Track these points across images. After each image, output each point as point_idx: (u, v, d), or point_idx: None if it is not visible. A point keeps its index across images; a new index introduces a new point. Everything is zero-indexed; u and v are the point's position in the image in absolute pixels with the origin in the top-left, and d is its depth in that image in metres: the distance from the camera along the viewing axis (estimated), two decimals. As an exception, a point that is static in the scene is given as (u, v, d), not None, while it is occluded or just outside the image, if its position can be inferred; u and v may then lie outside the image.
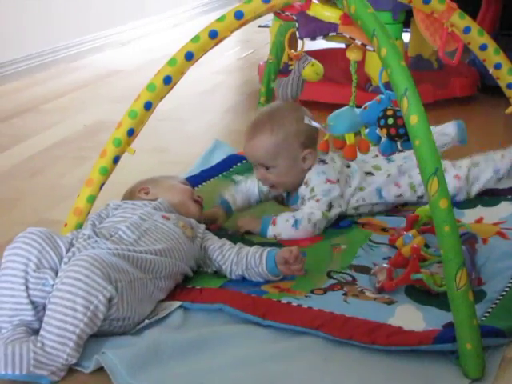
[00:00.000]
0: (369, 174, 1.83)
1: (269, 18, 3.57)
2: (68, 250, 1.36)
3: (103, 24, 4.03)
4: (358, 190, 1.80)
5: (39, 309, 1.30)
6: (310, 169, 1.77)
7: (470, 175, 1.88)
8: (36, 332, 1.28)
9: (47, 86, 3.31)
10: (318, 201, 1.74)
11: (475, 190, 1.89)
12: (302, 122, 1.70)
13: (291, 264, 1.50)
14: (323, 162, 1.78)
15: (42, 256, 1.32)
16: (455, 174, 1.86)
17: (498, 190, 1.92)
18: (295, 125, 1.73)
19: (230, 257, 1.54)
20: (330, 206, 1.74)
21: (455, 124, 2.00)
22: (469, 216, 1.78)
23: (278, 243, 1.68)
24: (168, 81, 1.57)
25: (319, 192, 1.74)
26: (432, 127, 1.96)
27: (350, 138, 1.58)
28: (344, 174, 1.79)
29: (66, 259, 1.34)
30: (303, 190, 1.77)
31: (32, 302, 1.29)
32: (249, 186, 1.87)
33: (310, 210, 1.72)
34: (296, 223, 1.70)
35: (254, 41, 4.24)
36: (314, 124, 1.64)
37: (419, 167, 1.23)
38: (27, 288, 1.29)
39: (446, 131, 1.99)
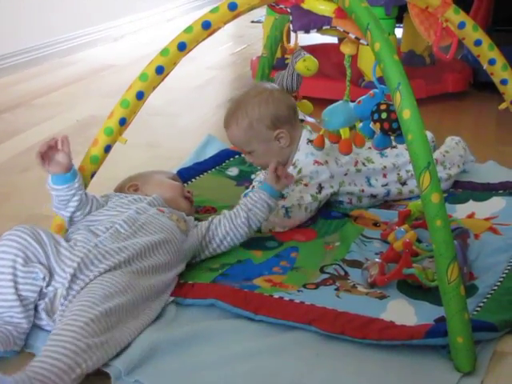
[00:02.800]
0: (362, 164, 1.84)
1: (262, 14, 3.58)
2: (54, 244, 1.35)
3: (96, 19, 4.02)
4: (352, 169, 1.81)
5: (29, 307, 1.29)
6: (297, 148, 1.80)
7: (446, 159, 1.95)
8: (23, 334, 1.28)
9: (39, 80, 3.30)
10: (306, 185, 1.74)
11: (454, 172, 1.95)
12: (264, 104, 1.76)
13: (280, 173, 1.61)
14: (312, 142, 1.78)
15: (28, 251, 1.31)
16: (435, 157, 1.90)
17: (489, 184, 1.93)
18: (257, 110, 1.77)
19: (225, 215, 1.60)
20: (320, 188, 1.75)
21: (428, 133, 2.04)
22: (460, 211, 1.79)
23: (274, 238, 1.69)
24: (160, 71, 1.56)
25: (307, 173, 1.75)
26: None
27: (345, 133, 1.59)
28: (333, 154, 1.80)
29: (65, 244, 1.35)
30: (291, 171, 1.77)
31: (21, 300, 1.28)
32: (262, 177, 1.90)
33: (299, 194, 1.73)
34: (287, 212, 1.71)
35: (247, 36, 4.24)
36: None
37: (411, 161, 1.23)
38: (16, 283, 1.28)
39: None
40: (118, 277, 1.31)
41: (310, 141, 1.79)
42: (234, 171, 2.10)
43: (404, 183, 1.86)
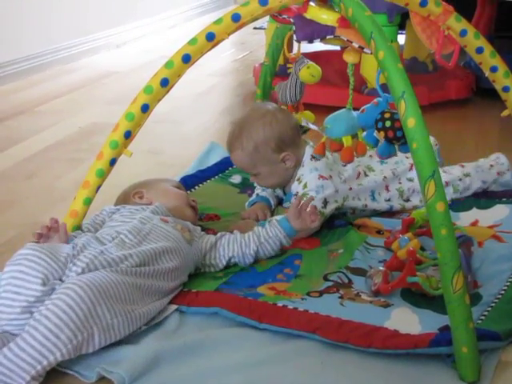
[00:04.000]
0: (363, 173, 1.84)
1: (264, 20, 3.58)
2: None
3: (99, 26, 4.02)
4: (354, 183, 1.80)
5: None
6: (301, 164, 1.79)
7: (461, 184, 1.90)
8: None
9: (42, 87, 3.31)
10: (312, 199, 1.73)
11: (464, 195, 1.91)
12: (269, 127, 1.75)
13: (303, 212, 1.55)
14: (315, 158, 1.78)
15: (47, 271, 1.29)
16: (446, 180, 1.87)
17: (492, 192, 1.93)
18: (261, 133, 1.76)
19: (236, 241, 1.58)
20: (326, 203, 1.74)
21: (502, 155, 2.03)
22: (464, 219, 1.78)
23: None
24: (165, 83, 1.57)
25: (312, 187, 1.74)
26: (483, 159, 1.97)
27: (347, 141, 1.58)
28: (336, 169, 1.80)
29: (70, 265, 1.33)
30: (296, 187, 1.78)
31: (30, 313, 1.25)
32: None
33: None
34: None
35: (250, 43, 4.25)
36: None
37: (416, 170, 1.23)
38: (31, 302, 1.25)
39: (501, 161, 2.01)
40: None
41: (313, 157, 1.79)
42: (237, 179, 2.10)
43: (407, 200, 1.85)
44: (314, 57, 2.18)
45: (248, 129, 1.78)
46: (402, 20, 2.68)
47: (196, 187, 2.03)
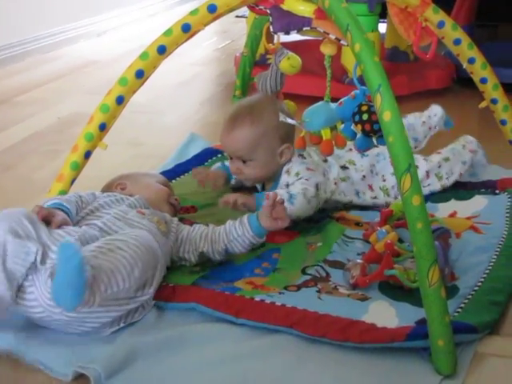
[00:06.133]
0: (344, 167, 1.83)
1: (246, 8, 3.56)
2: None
3: (79, 14, 3.99)
4: (338, 180, 1.80)
5: (14, 283, 1.26)
6: (287, 162, 1.77)
7: (442, 170, 1.89)
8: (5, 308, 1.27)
9: (21, 77, 3.27)
10: (307, 179, 1.72)
11: (451, 181, 1.90)
12: (280, 115, 1.69)
13: (275, 209, 1.49)
14: (302, 156, 1.77)
15: (19, 227, 1.28)
16: (426, 170, 1.87)
17: (471, 183, 1.93)
18: (275, 118, 1.70)
19: (207, 237, 1.55)
20: (318, 189, 1.73)
21: (437, 106, 2.03)
22: (442, 210, 1.78)
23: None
24: (140, 75, 1.56)
25: (305, 175, 1.73)
26: (418, 113, 1.98)
27: (326, 134, 1.58)
28: (321, 167, 1.79)
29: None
30: (285, 179, 1.75)
31: (6, 273, 1.24)
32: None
33: (303, 185, 1.70)
34: (291, 198, 1.67)
35: (231, 31, 4.22)
36: (290, 121, 1.63)
37: (392, 164, 1.22)
38: (4, 256, 1.25)
39: (434, 112, 2.01)
40: None
41: (300, 155, 1.77)
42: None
43: (396, 198, 1.82)
44: (294, 46, 2.18)
45: (260, 111, 1.73)
46: (383, 9, 2.67)
47: (173, 180, 2.01)
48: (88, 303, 1.22)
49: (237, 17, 4.44)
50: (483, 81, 1.79)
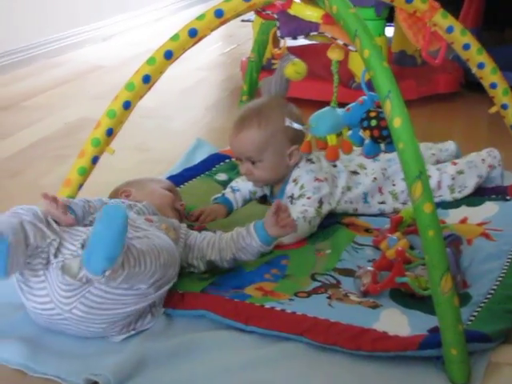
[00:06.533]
0: (354, 172, 1.82)
1: (252, 13, 3.55)
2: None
3: (84, 19, 3.99)
4: (345, 189, 1.79)
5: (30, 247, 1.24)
6: (296, 166, 1.76)
7: (456, 183, 1.87)
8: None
9: (27, 82, 3.26)
10: (309, 198, 1.71)
11: (464, 194, 1.88)
12: (289, 118, 1.70)
13: (280, 217, 1.48)
14: (310, 160, 1.76)
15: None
16: (438, 180, 1.85)
17: (482, 189, 1.91)
18: (283, 120, 1.70)
19: (214, 245, 1.54)
20: (321, 203, 1.72)
21: (453, 143, 2.05)
22: (453, 216, 1.77)
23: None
24: (147, 80, 1.55)
25: (309, 189, 1.72)
26: (430, 144, 1.98)
27: (331, 140, 1.57)
28: (330, 173, 1.78)
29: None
30: (291, 188, 1.75)
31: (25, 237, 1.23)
32: (242, 186, 1.87)
33: (303, 208, 1.70)
34: None
35: (237, 35, 4.21)
36: (295, 125, 1.62)
37: (403, 170, 1.21)
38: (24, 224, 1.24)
39: (446, 146, 2.03)
40: None
41: (308, 159, 1.76)
42: (222, 176, 2.07)
43: (405, 203, 1.81)
44: (301, 51, 2.17)
45: (268, 112, 1.73)
46: (390, 13, 2.66)
47: (181, 186, 2.00)
48: (116, 272, 1.20)
49: (242, 21, 4.43)
50: (493, 86, 1.77)
